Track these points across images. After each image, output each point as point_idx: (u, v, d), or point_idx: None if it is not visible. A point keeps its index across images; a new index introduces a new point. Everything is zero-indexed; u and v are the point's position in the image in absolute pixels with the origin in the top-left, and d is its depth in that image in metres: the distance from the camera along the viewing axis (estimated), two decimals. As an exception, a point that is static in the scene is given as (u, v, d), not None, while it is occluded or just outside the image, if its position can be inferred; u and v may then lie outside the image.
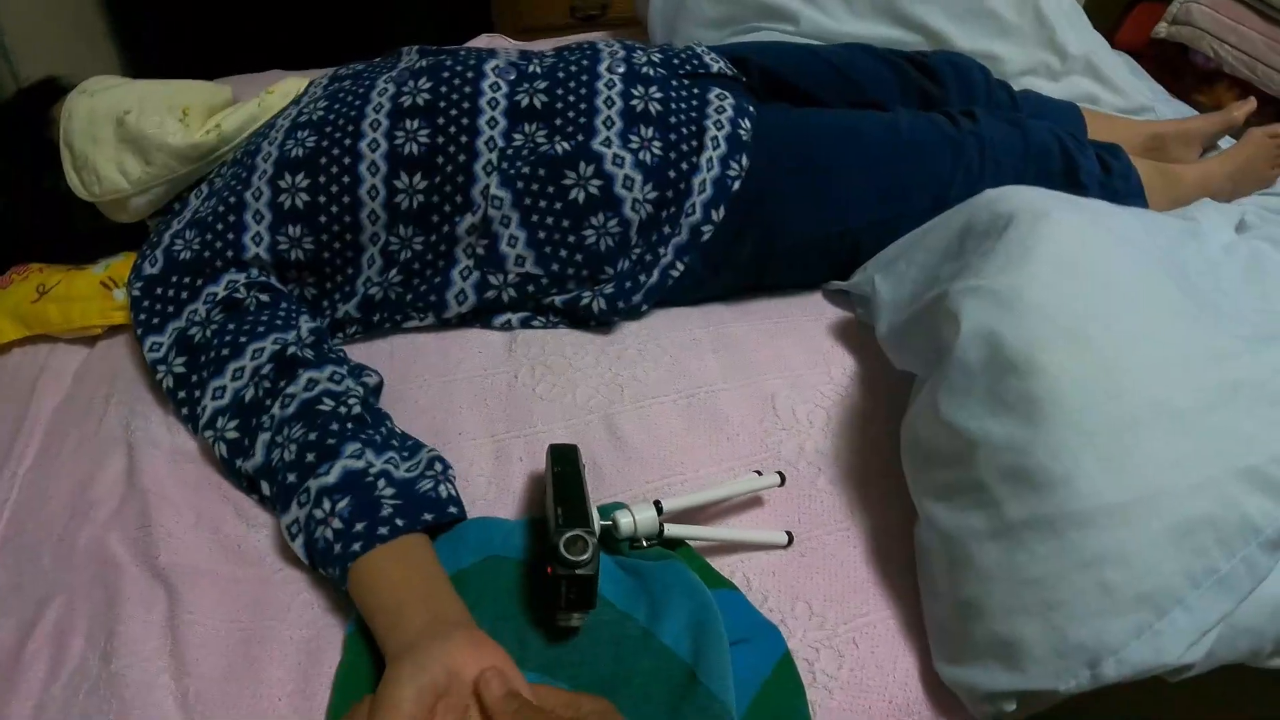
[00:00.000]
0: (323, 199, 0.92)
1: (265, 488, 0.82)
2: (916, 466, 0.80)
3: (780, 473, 0.83)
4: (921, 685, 0.75)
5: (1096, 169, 1.09)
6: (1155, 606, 0.66)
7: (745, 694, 0.70)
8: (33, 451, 0.94)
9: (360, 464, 0.76)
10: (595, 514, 0.72)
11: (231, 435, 0.84)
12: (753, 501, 0.85)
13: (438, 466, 0.79)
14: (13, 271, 1.08)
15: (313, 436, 0.78)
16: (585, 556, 0.65)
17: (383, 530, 0.71)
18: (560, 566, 0.65)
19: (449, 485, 0.78)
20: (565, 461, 0.77)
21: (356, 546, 0.70)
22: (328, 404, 0.81)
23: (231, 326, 0.88)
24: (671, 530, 0.77)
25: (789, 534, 0.82)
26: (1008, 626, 0.69)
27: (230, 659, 0.74)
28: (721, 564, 0.80)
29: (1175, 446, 0.68)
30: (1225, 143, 1.35)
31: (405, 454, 0.80)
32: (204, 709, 0.71)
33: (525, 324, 0.99)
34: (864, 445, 0.89)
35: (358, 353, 0.95)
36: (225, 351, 0.86)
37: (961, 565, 0.72)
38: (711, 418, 0.89)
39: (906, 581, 0.80)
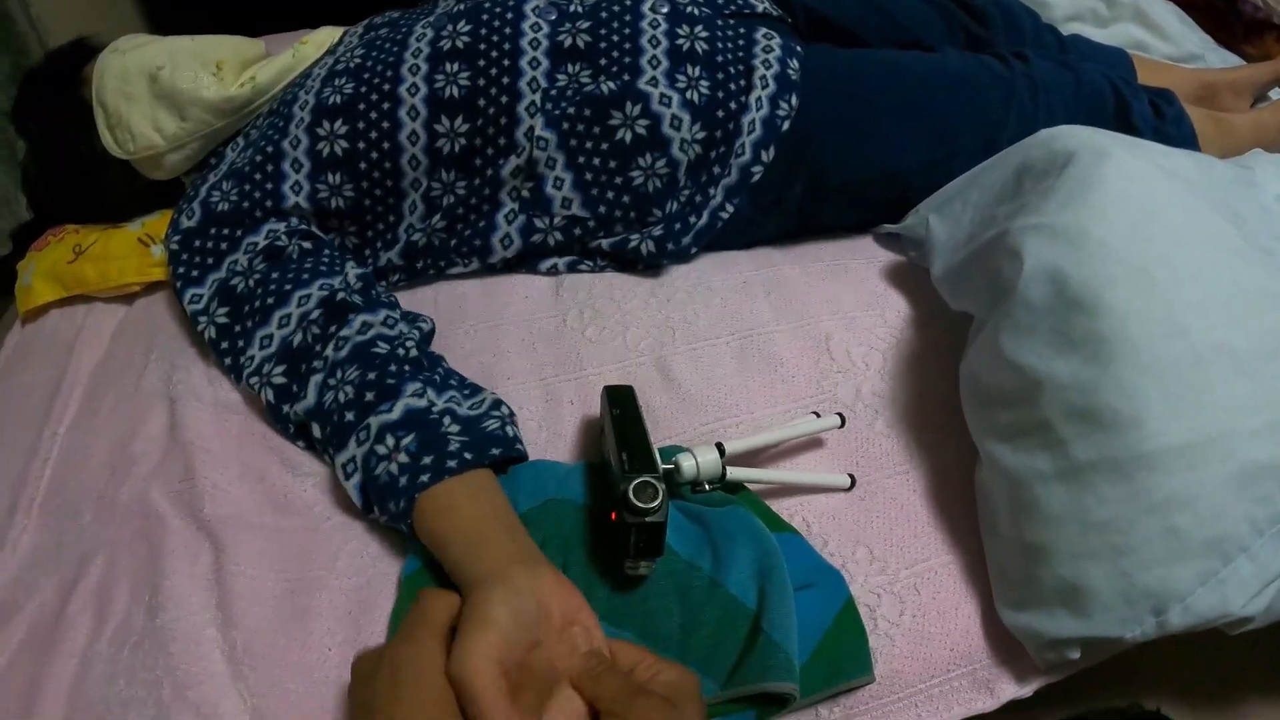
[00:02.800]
0: (362, 145, 0.90)
1: (316, 429, 0.80)
2: (978, 407, 0.78)
3: (840, 414, 0.81)
4: (983, 633, 0.73)
5: (1149, 113, 1.06)
6: (1221, 553, 0.64)
7: (809, 641, 0.68)
8: (72, 410, 0.93)
9: (423, 402, 0.74)
10: (658, 458, 0.70)
11: (279, 380, 0.82)
12: (811, 445, 0.83)
13: (503, 409, 0.78)
14: (49, 234, 1.08)
15: (371, 376, 0.76)
16: (655, 504, 0.62)
17: (451, 464, 0.69)
18: (629, 514, 0.62)
19: (514, 427, 0.77)
20: (623, 404, 0.75)
21: (425, 478, 0.68)
22: (383, 346, 0.79)
23: (275, 275, 0.86)
24: (734, 473, 0.75)
25: (851, 476, 0.79)
26: (1074, 571, 0.67)
27: (278, 610, 0.73)
28: (780, 508, 0.78)
29: (1237, 389, 0.65)
30: (1276, 94, 1.32)
31: (467, 393, 0.79)
32: (252, 661, 0.70)
33: (572, 268, 0.96)
34: (921, 387, 0.86)
35: (403, 301, 0.93)
36: (270, 300, 0.85)
37: (1026, 508, 0.70)
38: (766, 360, 0.87)
39: (968, 525, 0.78)
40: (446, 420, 0.73)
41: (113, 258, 1.01)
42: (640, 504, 0.61)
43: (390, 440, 0.72)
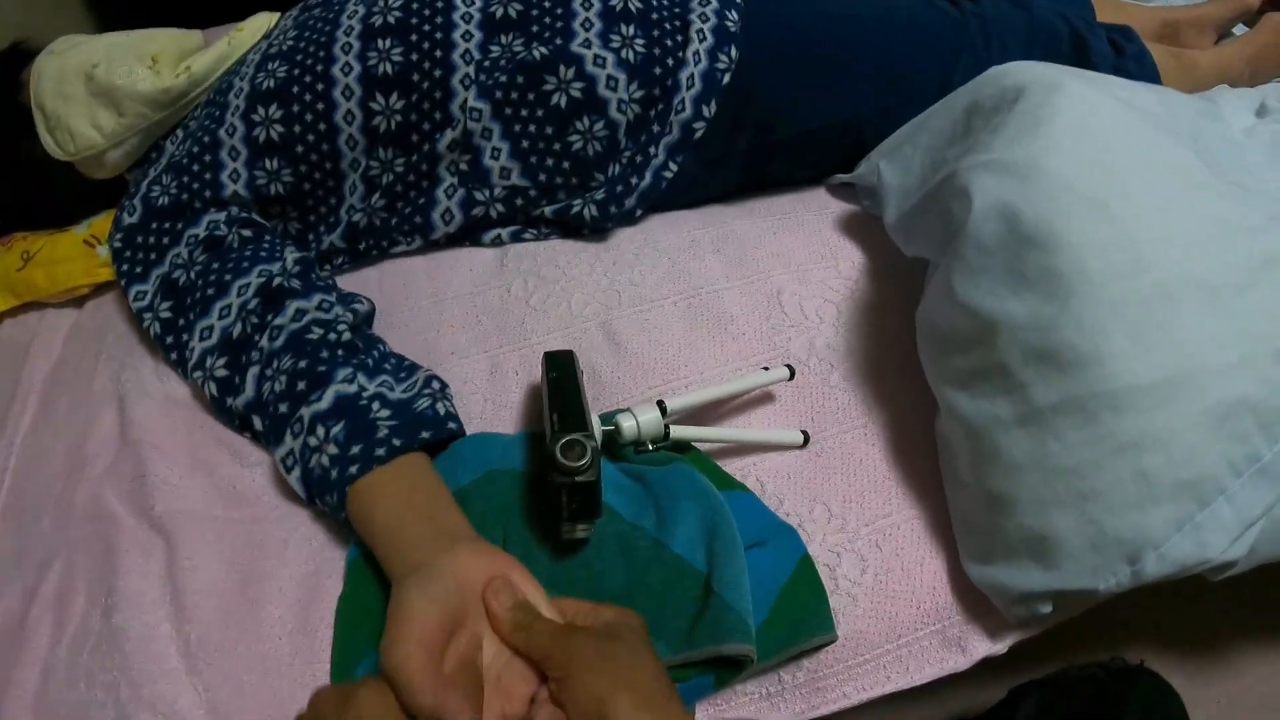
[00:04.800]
0: (298, 128, 0.89)
1: (257, 422, 0.79)
2: (934, 354, 0.75)
3: (789, 365, 0.79)
4: (951, 589, 0.72)
5: (1108, 50, 1.03)
6: (1197, 496, 0.61)
7: (764, 600, 0.67)
8: (29, 418, 0.93)
9: (353, 388, 0.73)
10: (595, 419, 0.68)
11: (221, 374, 0.81)
12: (763, 402, 0.81)
13: (434, 385, 0.76)
14: (-2, 242, 1.06)
15: (303, 365, 0.75)
16: (584, 462, 0.60)
17: (380, 451, 0.67)
18: (559, 474, 0.60)
19: (446, 403, 0.75)
20: (560, 367, 0.73)
21: (353, 470, 0.67)
22: (316, 332, 0.78)
23: (215, 265, 0.85)
24: (678, 432, 0.73)
25: (805, 433, 0.77)
26: (1040, 520, 0.65)
27: (230, 602, 0.72)
28: (733, 467, 0.77)
29: (1207, 323, 0.63)
30: (1239, 30, 1.29)
31: (401, 375, 0.77)
32: (206, 655, 0.69)
33: (516, 238, 0.95)
34: (877, 339, 0.84)
35: (346, 283, 0.92)
36: (210, 291, 0.84)
37: (988, 456, 0.68)
38: (715, 318, 0.85)
39: (930, 479, 0.76)
40: (376, 405, 0.72)
41: (60, 261, 0.99)
42: (568, 463, 0.59)
43: (321, 431, 0.71)
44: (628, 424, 0.70)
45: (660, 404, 0.72)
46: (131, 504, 0.79)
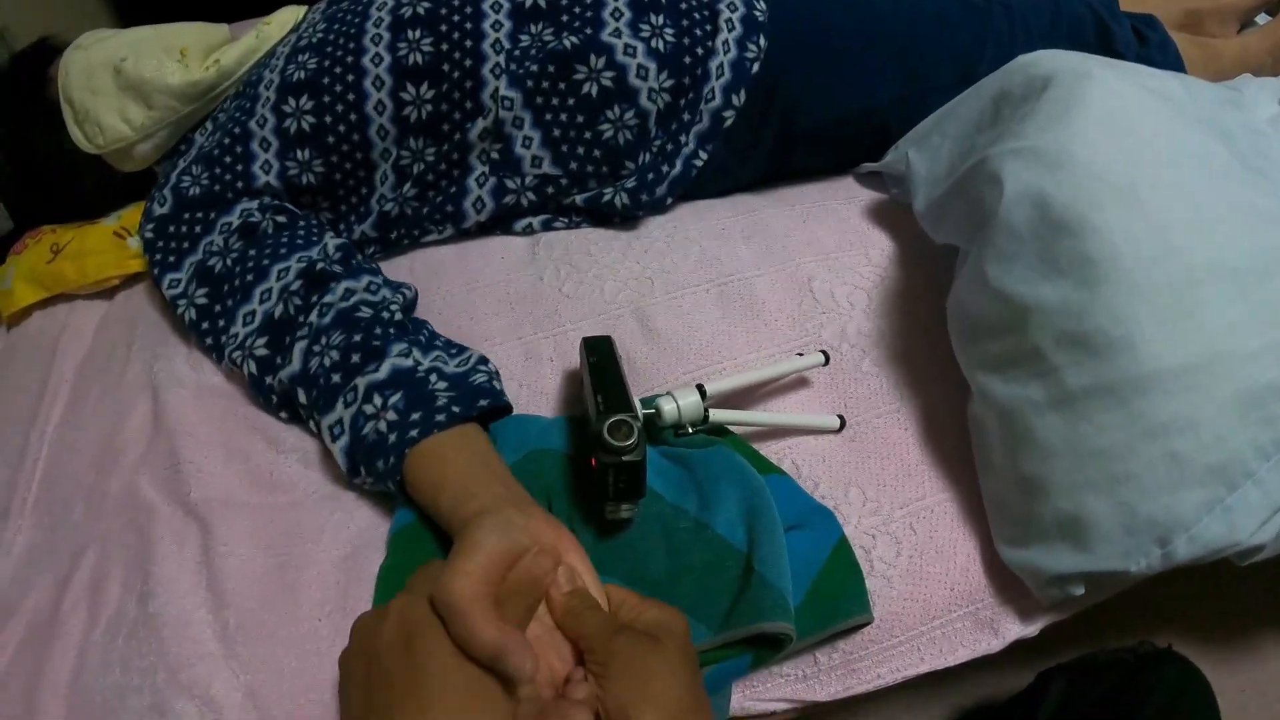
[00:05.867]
0: (329, 119, 0.89)
1: (302, 395, 0.79)
2: (966, 340, 0.76)
3: (824, 351, 0.79)
4: (984, 571, 0.72)
5: (1132, 39, 1.03)
6: (1226, 479, 0.62)
7: (802, 581, 0.67)
8: (59, 409, 0.93)
9: (409, 361, 0.74)
10: (637, 401, 0.68)
11: (261, 352, 0.82)
12: (797, 388, 0.81)
13: (489, 365, 0.77)
14: (26, 236, 1.07)
15: (357, 339, 0.75)
16: (631, 441, 0.60)
17: (440, 417, 0.68)
18: (605, 454, 0.60)
19: (499, 380, 0.76)
20: (600, 352, 0.73)
21: (414, 433, 0.67)
22: (366, 311, 0.78)
23: (253, 252, 0.86)
24: (717, 415, 0.73)
25: (840, 417, 0.78)
26: (1073, 503, 0.65)
27: (267, 587, 0.72)
28: (768, 451, 0.77)
29: (1234, 309, 0.63)
30: (1262, 19, 1.29)
31: (453, 352, 0.78)
32: (244, 639, 0.69)
33: (547, 226, 0.95)
34: (908, 325, 0.84)
35: (377, 272, 0.92)
36: (250, 277, 0.84)
37: (1021, 440, 0.68)
38: (747, 304, 0.85)
39: (962, 462, 0.76)
40: (433, 378, 0.72)
41: (90, 253, 1.00)
42: (615, 442, 0.60)
43: (378, 399, 0.71)
44: (668, 407, 0.71)
45: (700, 387, 0.72)
46: (166, 492, 0.80)
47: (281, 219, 0.89)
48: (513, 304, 0.88)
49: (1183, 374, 0.62)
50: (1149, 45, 1.04)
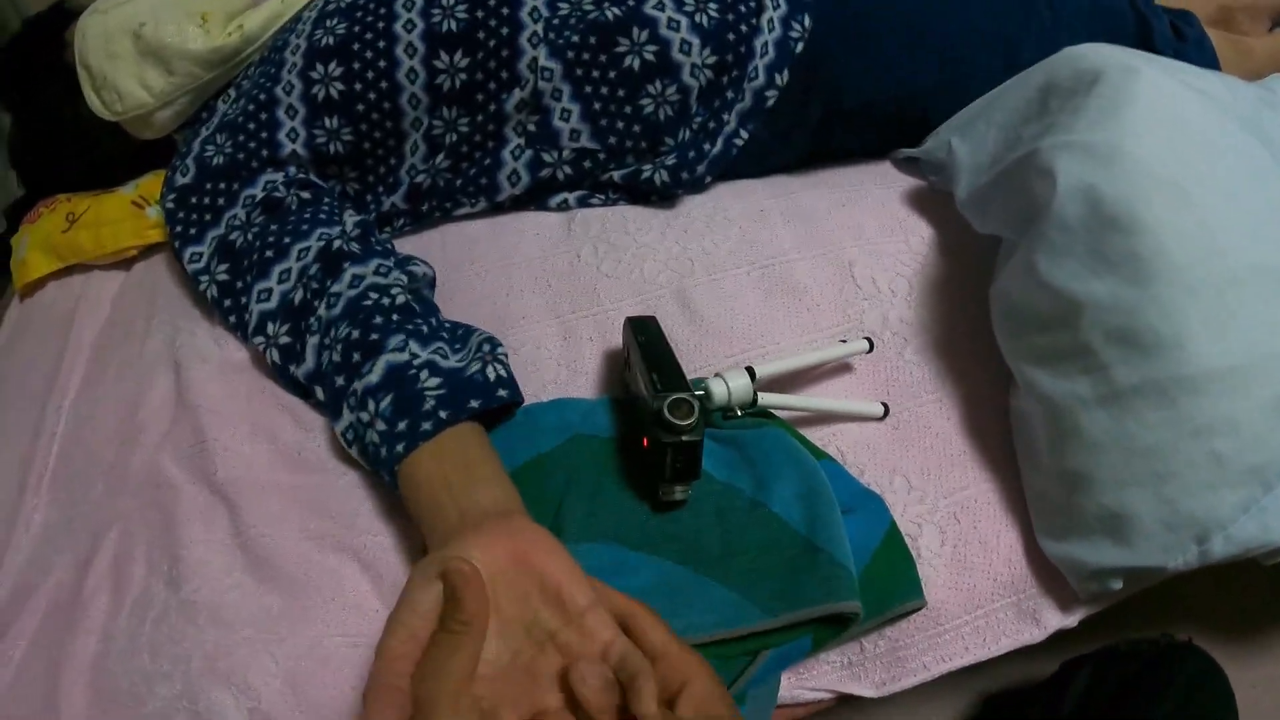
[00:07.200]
0: (359, 86, 0.87)
1: (319, 394, 0.77)
2: (1012, 332, 0.75)
3: (868, 337, 0.78)
4: (1026, 562, 0.72)
5: (1170, 34, 1.02)
6: (1263, 480, 0.63)
7: (856, 565, 0.66)
8: (76, 383, 0.91)
9: (403, 357, 0.70)
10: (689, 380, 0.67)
11: (284, 340, 0.79)
12: (840, 374, 0.80)
13: (485, 347, 0.74)
14: (41, 205, 1.04)
15: (356, 334, 0.73)
16: (691, 420, 0.59)
17: (426, 426, 0.65)
18: (665, 433, 0.59)
19: (498, 366, 0.72)
20: (648, 332, 0.72)
21: (400, 448, 0.65)
22: (372, 298, 0.75)
23: (274, 228, 0.83)
24: (765, 399, 0.72)
25: (885, 405, 0.77)
26: (1117, 499, 0.66)
27: (305, 569, 0.71)
28: (813, 437, 0.76)
29: (1274, 310, 0.64)
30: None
31: (456, 344, 0.75)
32: (289, 624, 0.68)
33: (583, 202, 0.92)
34: (949, 313, 0.83)
35: (407, 246, 0.90)
36: (270, 254, 0.82)
37: (1068, 435, 0.68)
38: (789, 289, 0.83)
39: (1004, 453, 0.76)
40: (425, 374, 0.69)
41: (107, 223, 0.98)
42: (676, 421, 0.58)
43: (371, 406, 0.68)
44: (718, 389, 0.69)
45: (750, 369, 0.70)
46: (191, 470, 0.78)
47: (305, 194, 0.86)
48: (549, 282, 0.86)
49: (1228, 375, 0.62)
50: (1186, 42, 1.03)
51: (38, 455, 0.85)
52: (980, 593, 0.71)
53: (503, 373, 0.72)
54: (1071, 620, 0.71)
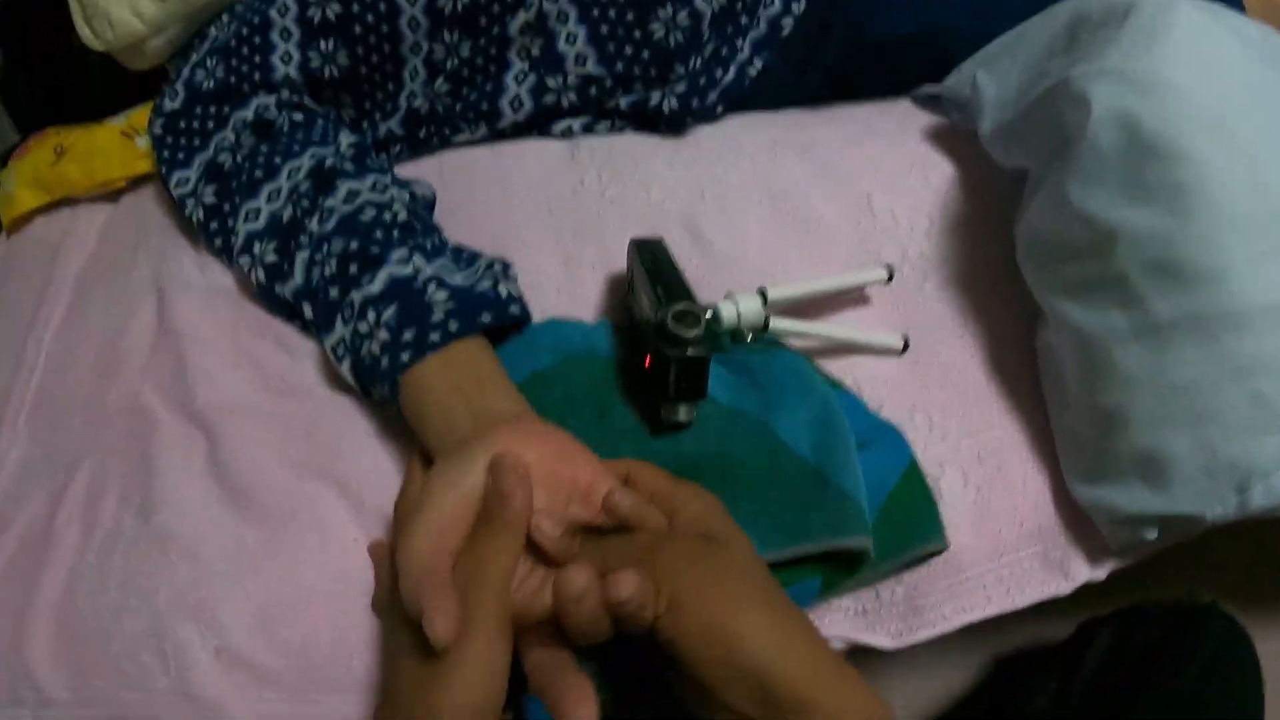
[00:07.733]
0: (356, 8, 0.83)
1: (307, 310, 0.73)
2: (1041, 263, 0.72)
3: (888, 265, 0.74)
4: (1055, 509, 0.69)
5: None
6: None
7: (873, 503, 0.62)
8: (59, 316, 0.88)
9: (408, 269, 0.66)
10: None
11: (271, 259, 0.75)
12: (856, 306, 0.76)
13: (497, 266, 0.70)
14: (30, 139, 1.01)
15: (354, 246, 0.68)
16: (697, 332, 0.55)
17: (434, 336, 0.61)
18: (669, 345, 0.55)
19: (509, 284, 0.69)
20: (654, 251, 0.68)
21: (405, 356, 0.61)
22: (370, 213, 0.71)
23: (264, 149, 0.79)
24: (777, 324, 0.68)
25: (905, 337, 0.73)
26: (1153, 439, 0.62)
27: (287, 497, 0.67)
28: (827, 369, 0.72)
29: None
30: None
31: (462, 263, 0.71)
32: (269, 551, 0.65)
33: (587, 130, 0.89)
34: (971, 250, 0.79)
35: (405, 173, 0.85)
36: (259, 174, 0.78)
37: (1100, 369, 0.65)
38: (803, 219, 0.79)
39: (1031, 395, 0.73)
40: (432, 288, 0.65)
41: (96, 153, 0.94)
42: (680, 333, 0.54)
43: (372, 315, 0.64)
44: (728, 310, 0.65)
45: (762, 292, 0.66)
46: (169, 398, 0.74)
47: (298, 116, 0.83)
48: (551, 208, 0.82)
49: (1272, 312, 0.59)
50: None
51: (15, 390, 0.81)
52: (1005, 540, 0.67)
53: (514, 291, 0.69)
54: (1100, 573, 0.68)
